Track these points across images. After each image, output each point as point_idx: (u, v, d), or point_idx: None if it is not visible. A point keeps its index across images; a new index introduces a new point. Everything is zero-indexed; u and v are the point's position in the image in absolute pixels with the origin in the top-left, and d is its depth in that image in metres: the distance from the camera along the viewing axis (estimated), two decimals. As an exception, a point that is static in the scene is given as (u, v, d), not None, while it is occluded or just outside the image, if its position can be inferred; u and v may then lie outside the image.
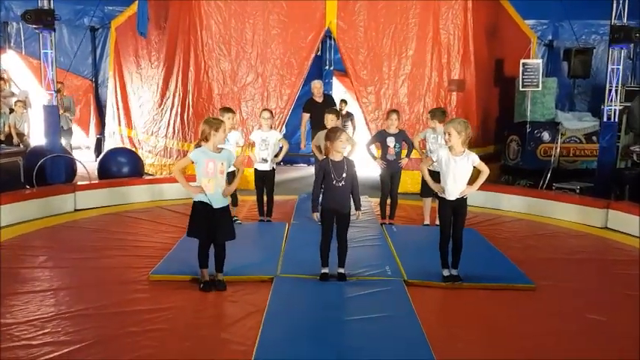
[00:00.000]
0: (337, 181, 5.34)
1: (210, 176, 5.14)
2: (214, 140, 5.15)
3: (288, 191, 10.12)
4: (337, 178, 5.33)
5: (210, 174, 5.14)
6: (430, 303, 5.18)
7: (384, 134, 7.78)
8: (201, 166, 5.14)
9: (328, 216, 5.45)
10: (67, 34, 14.06)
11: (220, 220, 5.22)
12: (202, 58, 10.56)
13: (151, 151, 12.13)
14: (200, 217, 5.20)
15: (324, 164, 5.42)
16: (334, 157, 5.39)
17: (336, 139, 5.33)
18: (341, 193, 5.37)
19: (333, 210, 5.40)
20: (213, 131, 5.11)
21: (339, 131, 5.44)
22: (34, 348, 3.98)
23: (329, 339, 4.28)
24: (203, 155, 5.16)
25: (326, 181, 5.38)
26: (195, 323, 4.58)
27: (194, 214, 5.25)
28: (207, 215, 5.17)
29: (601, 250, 7.32)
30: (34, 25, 9.09)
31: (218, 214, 5.19)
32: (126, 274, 5.69)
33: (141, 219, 8.08)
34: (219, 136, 5.15)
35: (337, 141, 5.33)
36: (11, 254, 6.27)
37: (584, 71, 12.25)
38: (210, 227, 5.19)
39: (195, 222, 5.23)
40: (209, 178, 5.14)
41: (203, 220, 5.18)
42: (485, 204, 9.17)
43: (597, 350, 4.29)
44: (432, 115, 7.67)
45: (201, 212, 5.19)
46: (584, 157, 11.03)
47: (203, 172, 5.15)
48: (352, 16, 10.53)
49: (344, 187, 5.36)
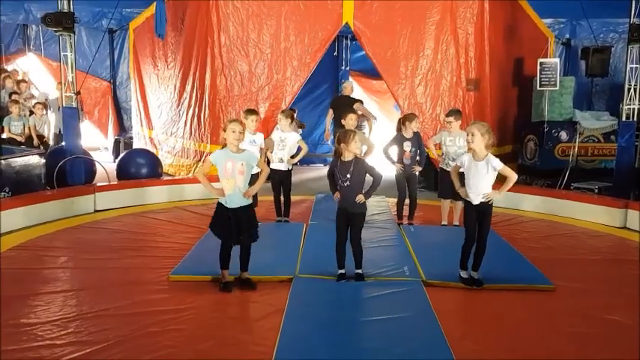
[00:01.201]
0: (342, 181, 5.37)
1: (228, 176, 5.18)
2: (229, 140, 5.20)
3: (305, 191, 10.15)
4: (342, 178, 5.36)
5: (229, 174, 5.18)
6: (449, 304, 5.17)
7: (401, 138, 7.77)
8: (221, 166, 5.21)
9: (341, 215, 5.47)
10: (85, 36, 14.21)
11: (246, 221, 5.25)
12: (220, 59, 10.60)
13: (169, 152, 12.23)
14: (220, 218, 5.25)
15: (332, 164, 5.52)
16: (344, 158, 5.41)
17: (352, 140, 5.34)
18: (347, 193, 5.38)
19: (344, 209, 5.43)
20: (224, 132, 5.25)
21: (354, 133, 5.45)
22: (58, 348, 4.04)
23: (348, 340, 4.31)
24: (223, 156, 5.21)
25: (334, 181, 5.49)
26: (214, 324, 4.61)
27: (215, 215, 5.32)
28: (227, 216, 5.21)
29: (620, 250, 7.27)
30: (55, 28, 9.19)
31: (239, 215, 5.22)
32: (146, 274, 5.75)
33: (160, 219, 8.15)
34: (230, 136, 5.19)
35: (352, 142, 5.34)
36: (32, 255, 6.36)
37: (602, 70, 12.13)
38: (231, 229, 5.22)
39: (217, 222, 5.29)
40: (227, 179, 5.18)
41: (224, 222, 5.22)
42: (503, 204, 9.13)
43: (617, 351, 4.28)
44: (448, 114, 7.68)
45: (220, 213, 5.26)
46: (603, 156, 10.95)
47: (222, 173, 5.20)
48: (369, 17, 10.53)
49: (350, 188, 5.36)
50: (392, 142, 7.93)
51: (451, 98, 10.68)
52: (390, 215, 8.47)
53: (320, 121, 14.53)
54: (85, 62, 12.72)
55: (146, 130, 13.33)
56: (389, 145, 7.95)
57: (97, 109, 14.99)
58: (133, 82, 13.84)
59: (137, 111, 13.76)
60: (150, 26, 11.92)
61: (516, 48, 11.78)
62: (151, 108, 13.10)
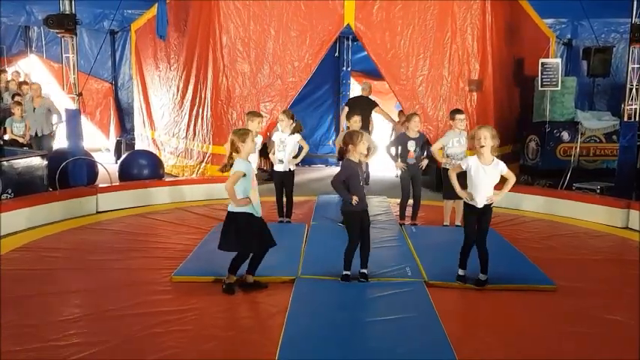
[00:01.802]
0: (361, 181, 5.38)
1: (255, 186, 5.20)
2: (245, 150, 5.15)
3: (307, 192, 10.15)
4: (361, 179, 5.38)
5: (255, 184, 5.21)
6: (451, 304, 5.19)
7: (404, 138, 7.77)
8: (249, 176, 5.13)
9: (357, 219, 5.45)
10: (87, 37, 14.18)
11: (265, 228, 5.28)
12: (221, 60, 10.62)
13: (172, 153, 12.25)
14: (251, 231, 5.16)
15: (352, 165, 5.38)
16: (355, 159, 5.41)
17: (361, 141, 5.34)
18: (364, 193, 5.42)
19: (362, 212, 5.43)
20: (240, 143, 5.11)
21: (360, 134, 5.44)
22: (61, 349, 4.06)
23: (350, 340, 4.32)
24: (249, 167, 5.16)
25: (352, 183, 5.35)
26: (218, 324, 4.64)
27: (242, 228, 5.13)
28: (258, 225, 5.21)
29: (622, 250, 7.29)
30: (56, 29, 9.21)
31: (262, 222, 5.26)
32: (149, 275, 5.76)
33: (162, 220, 8.16)
34: (247, 146, 5.14)
35: (361, 143, 5.34)
36: (35, 256, 6.38)
37: (603, 70, 12.13)
38: (262, 237, 5.23)
39: (248, 237, 5.15)
40: (254, 189, 5.19)
41: (255, 232, 5.18)
42: (505, 204, 9.11)
43: (618, 352, 4.29)
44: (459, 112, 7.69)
45: (249, 226, 5.14)
46: (605, 156, 10.94)
47: (252, 183, 5.17)
48: (370, 17, 10.54)
49: (363, 188, 5.42)
50: (395, 141, 7.93)
51: (453, 99, 10.67)
52: (391, 216, 8.48)
53: (321, 122, 14.54)
54: (87, 64, 12.73)
55: (149, 131, 13.34)
56: (392, 144, 7.96)
57: (99, 110, 14.98)
58: (135, 83, 13.84)
59: (139, 112, 13.77)
60: (151, 27, 11.94)
61: (518, 48, 11.79)
62: (153, 109, 13.10)
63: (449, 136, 7.60)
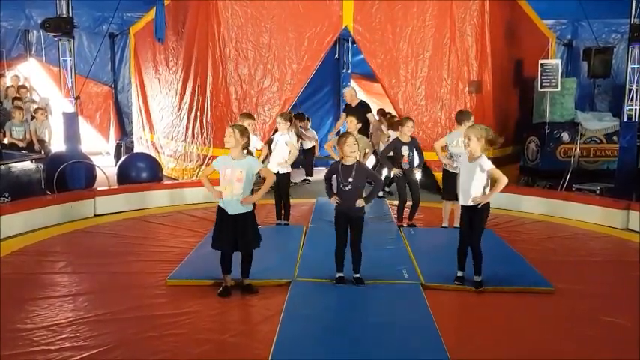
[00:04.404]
0: (344, 185, 5.36)
1: (226, 183, 5.20)
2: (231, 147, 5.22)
3: (305, 194, 10.13)
4: (344, 182, 5.35)
5: (227, 181, 5.20)
6: (447, 306, 5.16)
7: (398, 143, 7.75)
8: (220, 172, 5.26)
9: (341, 219, 5.46)
10: (86, 41, 14.20)
11: (242, 229, 5.23)
12: (220, 62, 10.59)
13: (171, 156, 12.24)
14: (219, 226, 5.26)
15: (334, 166, 5.50)
16: (346, 162, 5.40)
17: (344, 143, 5.36)
18: (348, 197, 5.37)
19: (344, 213, 5.41)
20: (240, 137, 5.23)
21: (347, 136, 5.45)
22: (53, 353, 4.03)
23: (345, 342, 4.28)
24: (222, 163, 5.27)
25: (336, 184, 5.44)
26: (212, 327, 4.61)
27: (215, 223, 5.33)
28: (227, 221, 5.21)
29: (621, 252, 7.23)
30: (54, 33, 9.23)
31: (239, 222, 5.21)
32: (144, 278, 5.74)
33: (160, 224, 8.14)
34: (229, 143, 5.21)
35: (345, 145, 5.35)
36: (31, 260, 6.36)
37: (604, 71, 12.10)
38: (231, 235, 5.21)
39: (217, 232, 5.29)
40: (225, 185, 5.20)
41: (223, 227, 5.23)
42: (504, 206, 9.08)
43: (615, 353, 4.26)
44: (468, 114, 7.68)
45: (220, 216, 5.26)
46: (605, 157, 10.89)
47: (221, 179, 5.25)
48: (369, 18, 10.51)
49: (351, 192, 5.35)
50: (389, 147, 7.91)
51: (452, 100, 10.63)
52: (390, 217, 8.45)
53: (322, 124, 14.52)
54: (86, 67, 12.72)
55: (148, 135, 13.33)
56: (386, 150, 7.93)
57: (99, 113, 15.01)
58: (135, 86, 13.85)
59: (139, 115, 13.77)
60: (150, 30, 11.91)
61: (517, 49, 11.75)
62: (152, 112, 13.10)
63: (453, 135, 7.59)
